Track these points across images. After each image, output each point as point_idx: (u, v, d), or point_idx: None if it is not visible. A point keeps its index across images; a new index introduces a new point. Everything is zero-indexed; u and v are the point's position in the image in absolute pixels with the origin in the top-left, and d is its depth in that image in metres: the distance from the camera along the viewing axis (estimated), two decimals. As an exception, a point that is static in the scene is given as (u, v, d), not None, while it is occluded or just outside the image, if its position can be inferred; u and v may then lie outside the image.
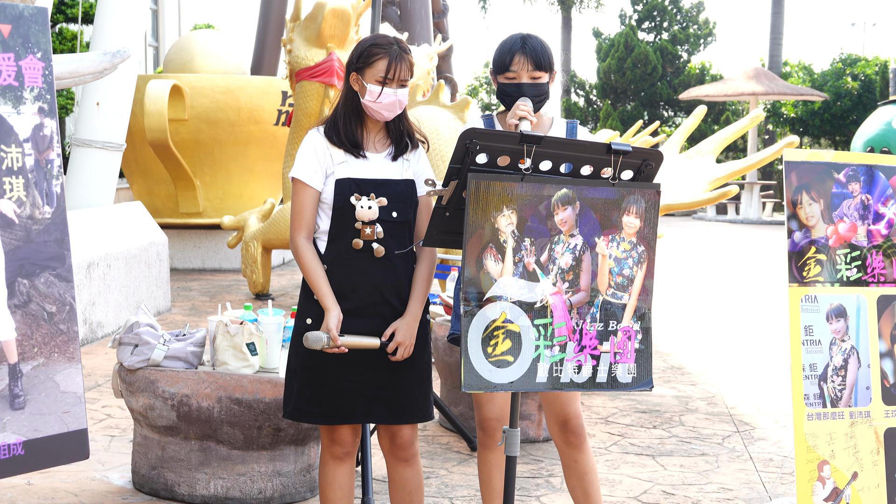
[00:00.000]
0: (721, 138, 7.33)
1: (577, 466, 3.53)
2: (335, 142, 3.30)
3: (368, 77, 3.26)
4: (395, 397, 3.31)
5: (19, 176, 3.18)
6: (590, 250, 2.90)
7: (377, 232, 3.26)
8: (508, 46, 3.43)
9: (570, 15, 34.16)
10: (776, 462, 5.17)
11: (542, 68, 3.41)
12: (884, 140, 19.09)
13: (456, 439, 5.31)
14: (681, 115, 30.56)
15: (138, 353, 4.22)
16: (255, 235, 9.57)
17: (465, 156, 2.83)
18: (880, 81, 27.27)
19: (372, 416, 3.32)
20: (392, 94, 3.25)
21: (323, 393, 3.28)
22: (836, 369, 3.62)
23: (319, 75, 9.08)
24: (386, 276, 3.28)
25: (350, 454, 3.38)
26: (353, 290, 3.26)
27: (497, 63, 3.47)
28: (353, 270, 3.26)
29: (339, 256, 3.27)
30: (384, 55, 3.25)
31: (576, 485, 3.55)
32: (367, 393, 3.29)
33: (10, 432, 3.14)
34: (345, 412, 3.29)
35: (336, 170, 3.27)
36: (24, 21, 3.22)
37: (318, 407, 3.29)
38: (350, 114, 3.32)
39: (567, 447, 3.53)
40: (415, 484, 3.43)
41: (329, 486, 3.38)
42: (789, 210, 3.62)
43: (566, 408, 3.49)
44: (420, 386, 3.35)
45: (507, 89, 3.43)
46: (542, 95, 3.43)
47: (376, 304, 3.28)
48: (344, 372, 3.27)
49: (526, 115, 3.31)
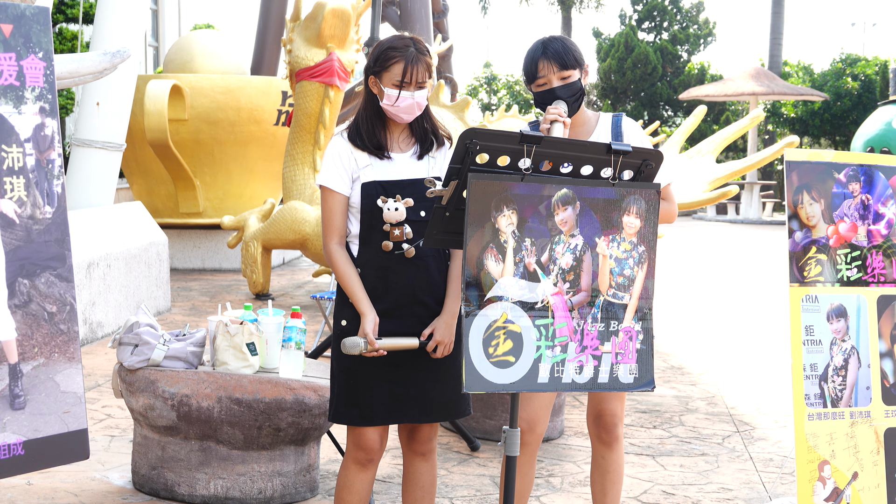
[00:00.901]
0: (721, 138, 7.33)
1: (604, 463, 3.57)
2: (359, 145, 3.30)
3: (386, 81, 3.25)
4: (430, 396, 3.31)
5: (20, 176, 3.18)
6: (590, 250, 2.90)
7: (406, 233, 3.26)
8: (531, 55, 3.44)
9: (570, 15, 34.15)
10: (776, 462, 5.17)
11: (569, 66, 3.40)
12: (884, 140, 19.09)
13: (456, 439, 5.31)
14: (681, 115, 30.56)
15: (138, 353, 4.22)
16: (255, 235, 9.57)
17: (465, 156, 2.83)
18: (880, 81, 27.27)
19: (406, 416, 3.31)
20: (409, 98, 3.24)
21: (359, 395, 3.28)
22: (837, 369, 3.62)
23: (319, 75, 9.08)
24: (418, 276, 3.28)
25: (373, 462, 3.36)
26: (386, 291, 3.27)
27: (527, 74, 3.47)
28: (385, 272, 3.27)
29: (371, 259, 3.28)
30: (400, 58, 3.24)
31: (597, 480, 3.59)
32: (400, 393, 3.28)
33: (10, 432, 3.14)
34: (379, 413, 3.28)
35: (362, 174, 3.28)
36: (25, 21, 3.22)
37: (355, 409, 3.29)
38: (372, 117, 3.32)
39: (598, 442, 3.57)
40: (428, 480, 3.43)
41: (346, 489, 3.36)
42: (790, 210, 3.62)
43: (604, 403, 3.53)
44: (454, 384, 3.34)
45: (542, 97, 3.43)
46: (576, 93, 3.42)
47: (410, 305, 3.28)
48: (379, 373, 3.27)
49: (557, 118, 3.30)
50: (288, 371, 4.15)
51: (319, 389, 4.16)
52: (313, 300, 8.21)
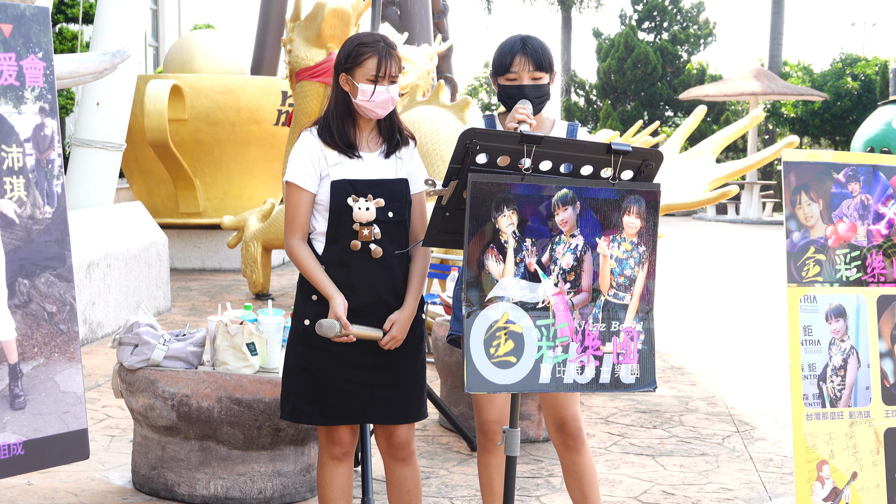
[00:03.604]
0: (721, 138, 7.33)
1: (576, 468, 3.52)
2: (329, 143, 3.30)
3: (359, 76, 3.26)
4: (391, 397, 3.32)
5: (20, 176, 3.18)
6: (591, 250, 2.90)
7: (375, 233, 3.26)
8: (509, 48, 3.42)
9: (570, 15, 34.15)
10: (776, 462, 5.17)
11: (543, 69, 3.41)
12: (884, 140, 19.09)
13: (456, 439, 5.31)
14: (681, 115, 30.56)
15: (138, 353, 4.22)
16: (255, 235, 9.57)
17: (465, 156, 2.83)
18: (880, 81, 27.26)
19: (369, 416, 3.33)
20: (385, 92, 3.25)
21: (320, 393, 3.29)
22: (836, 369, 3.62)
23: (319, 75, 9.08)
24: (383, 276, 3.29)
25: (348, 454, 3.39)
26: (351, 291, 3.27)
27: (497, 65, 3.46)
28: (350, 272, 3.27)
29: (337, 258, 3.28)
30: (373, 53, 3.25)
31: (574, 486, 3.55)
32: (363, 393, 3.29)
33: (10, 432, 3.14)
34: (342, 412, 3.30)
35: (331, 171, 3.27)
36: (25, 21, 3.22)
37: (315, 407, 3.30)
38: (343, 114, 3.32)
39: (565, 449, 3.52)
40: (412, 483, 3.43)
41: (328, 487, 3.38)
42: (788, 210, 3.63)
43: (563, 410, 3.49)
44: (415, 385, 3.36)
45: (508, 91, 3.42)
46: (543, 96, 3.43)
47: (375, 305, 3.29)
48: (341, 372, 3.28)
49: (525, 118, 3.31)
50: (288, 371, 4.15)
51: (319, 389, 4.17)
52: (313, 300, 8.21)
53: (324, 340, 3.26)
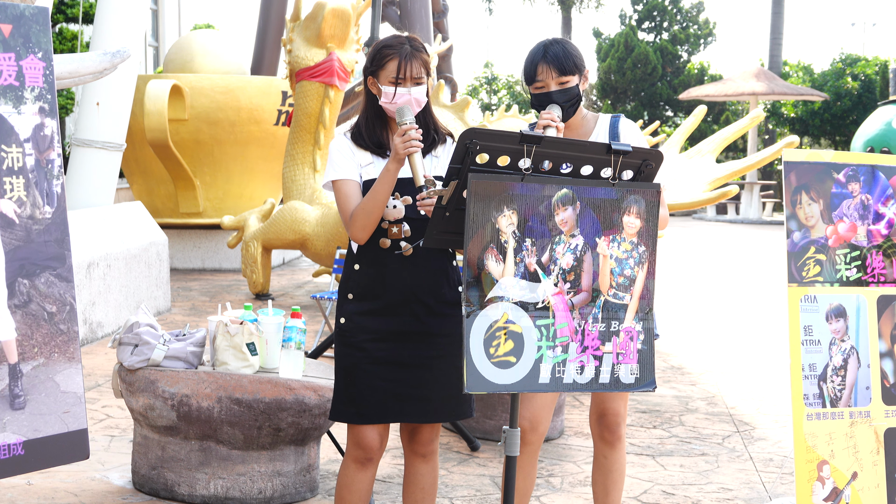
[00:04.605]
0: (721, 138, 7.33)
1: (606, 462, 3.57)
2: (361, 144, 3.33)
3: (382, 79, 3.27)
4: (427, 396, 3.30)
5: (20, 176, 3.18)
6: (591, 250, 2.90)
7: (404, 230, 3.27)
8: (531, 57, 3.46)
9: (570, 15, 34.16)
10: (776, 462, 5.17)
11: (568, 72, 3.42)
12: (884, 140, 19.10)
13: (456, 439, 5.31)
14: (681, 115, 30.56)
15: (138, 353, 4.22)
16: (255, 235, 9.57)
17: (465, 156, 2.83)
18: (880, 81, 27.27)
19: (404, 414, 3.31)
20: (406, 94, 3.25)
21: (357, 392, 3.28)
22: (836, 369, 3.62)
23: (319, 75, 9.08)
24: (416, 274, 3.28)
25: (373, 461, 3.35)
26: (384, 289, 3.27)
27: (525, 75, 3.50)
28: (383, 269, 3.28)
29: (370, 256, 3.29)
30: (394, 55, 3.26)
31: (599, 480, 3.59)
32: (398, 391, 3.28)
33: (10, 432, 3.14)
34: (377, 411, 3.28)
35: (363, 172, 3.30)
36: (25, 21, 3.22)
37: (352, 407, 3.29)
38: (372, 117, 3.35)
39: (600, 441, 3.58)
40: (429, 481, 3.43)
41: (346, 489, 3.36)
42: (788, 210, 3.63)
43: (607, 402, 3.53)
44: (455, 384, 3.30)
45: (539, 99, 3.46)
46: (571, 99, 3.44)
47: (408, 303, 3.28)
48: (376, 371, 3.27)
49: (550, 123, 3.32)
50: (288, 371, 4.15)
51: (319, 389, 4.17)
52: (313, 300, 8.21)
53: (359, 339, 3.26)
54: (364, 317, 3.29)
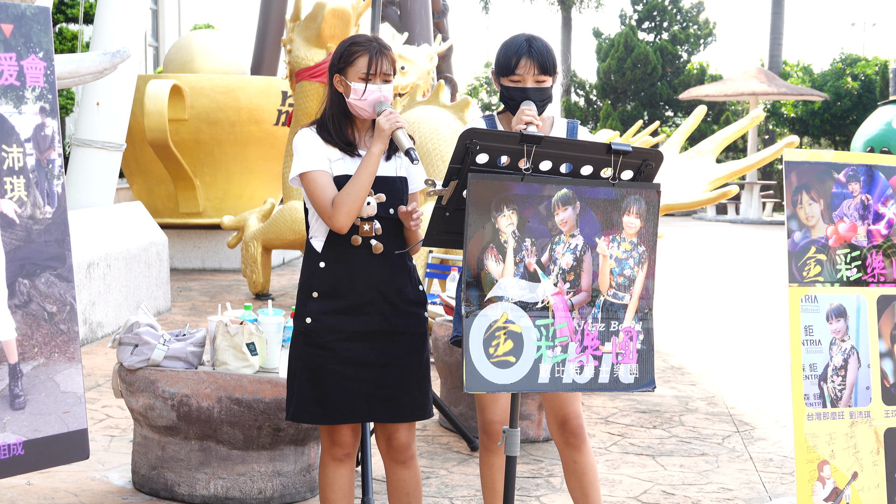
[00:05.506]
0: (721, 138, 7.33)
1: (577, 467, 3.52)
2: (329, 141, 3.30)
3: (351, 76, 3.26)
4: (394, 395, 3.31)
5: (20, 176, 3.18)
6: (591, 250, 2.90)
7: (375, 228, 3.26)
8: (514, 49, 3.39)
9: (570, 15, 34.15)
10: (776, 462, 5.17)
11: (548, 72, 3.40)
12: (884, 140, 19.09)
13: (456, 439, 5.31)
14: (681, 115, 30.56)
15: (138, 353, 4.22)
16: (255, 235, 9.57)
17: (465, 156, 2.84)
18: (880, 81, 27.27)
19: (372, 414, 3.32)
20: (377, 90, 3.25)
21: (323, 393, 3.28)
22: (836, 369, 3.62)
23: (319, 75, 9.08)
24: (384, 272, 3.28)
25: (350, 455, 3.38)
26: (352, 287, 3.26)
27: (502, 65, 3.43)
28: (351, 267, 3.27)
29: (338, 253, 3.27)
30: (364, 52, 3.25)
31: (575, 485, 3.55)
32: (366, 391, 3.29)
33: (10, 432, 3.14)
34: (345, 411, 3.29)
35: (333, 167, 3.27)
36: (25, 21, 3.22)
37: (318, 407, 3.29)
38: (338, 116, 3.32)
39: (566, 447, 3.52)
40: (413, 486, 3.42)
41: (329, 488, 3.38)
42: (789, 210, 3.63)
43: (566, 407, 3.49)
44: (419, 384, 3.35)
45: (512, 94, 3.40)
46: (546, 99, 3.42)
47: (375, 301, 3.28)
48: (343, 371, 3.27)
49: (531, 120, 3.30)
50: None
51: (319, 389, 4.17)
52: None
53: (326, 339, 3.25)
54: (331, 316, 3.27)
